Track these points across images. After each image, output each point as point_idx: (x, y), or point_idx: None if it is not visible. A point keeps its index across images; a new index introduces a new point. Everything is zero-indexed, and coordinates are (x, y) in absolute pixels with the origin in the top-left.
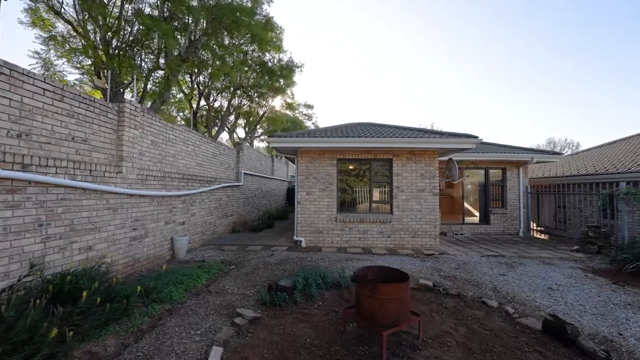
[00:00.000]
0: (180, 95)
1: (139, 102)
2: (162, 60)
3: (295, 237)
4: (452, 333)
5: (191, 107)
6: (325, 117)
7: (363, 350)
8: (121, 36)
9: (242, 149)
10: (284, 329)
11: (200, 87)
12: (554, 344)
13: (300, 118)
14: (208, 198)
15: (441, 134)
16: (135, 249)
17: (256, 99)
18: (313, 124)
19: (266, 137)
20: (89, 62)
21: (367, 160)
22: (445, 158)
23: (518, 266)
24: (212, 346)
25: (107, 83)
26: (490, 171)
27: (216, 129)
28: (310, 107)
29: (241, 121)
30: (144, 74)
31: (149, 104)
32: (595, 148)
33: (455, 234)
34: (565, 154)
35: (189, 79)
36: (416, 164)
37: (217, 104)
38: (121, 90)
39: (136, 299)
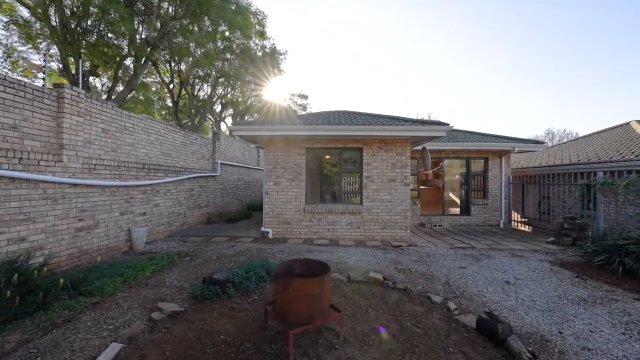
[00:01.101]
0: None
1: (109, 91)
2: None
3: (262, 229)
4: (381, 331)
5: (172, 96)
6: (321, 107)
7: (274, 349)
8: (79, 18)
9: (218, 138)
10: (204, 325)
11: (182, 76)
12: (484, 344)
13: (294, 108)
14: (176, 188)
15: (413, 121)
16: (82, 240)
17: (240, 88)
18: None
19: (228, 125)
20: (55, 49)
21: (336, 150)
22: (420, 147)
23: (484, 259)
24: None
25: (75, 69)
26: (472, 161)
27: (199, 118)
28: (304, 97)
29: (230, 111)
30: (111, 62)
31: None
32: (582, 137)
33: (434, 225)
34: (549, 144)
35: (169, 67)
36: (387, 153)
37: (202, 94)
38: (88, 77)
39: (59, 291)
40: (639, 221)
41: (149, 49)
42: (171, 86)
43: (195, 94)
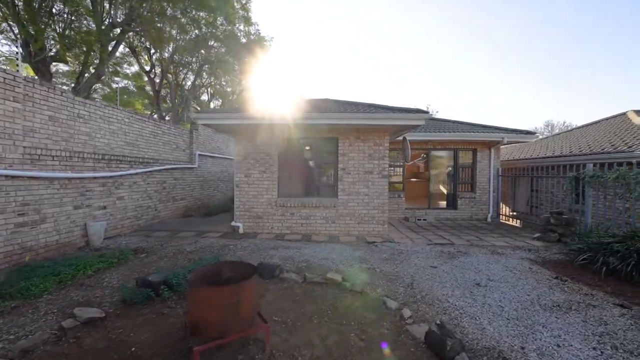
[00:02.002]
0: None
1: (78, 78)
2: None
3: (233, 223)
4: (317, 344)
5: (153, 85)
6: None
7: None
8: None
9: (196, 128)
10: (121, 334)
11: (163, 64)
12: None
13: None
14: (144, 181)
15: (390, 109)
16: (24, 236)
17: (225, 76)
18: None
19: (192, 114)
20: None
21: (311, 139)
22: (401, 138)
23: (460, 257)
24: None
25: (34, 53)
26: (460, 153)
27: (182, 108)
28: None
29: (219, 102)
30: (76, 46)
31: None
32: (577, 128)
33: (418, 219)
34: (540, 135)
35: (149, 55)
36: (364, 144)
37: (188, 83)
38: (50, 63)
39: None
40: (629, 216)
41: (117, 33)
42: (152, 74)
43: (180, 82)
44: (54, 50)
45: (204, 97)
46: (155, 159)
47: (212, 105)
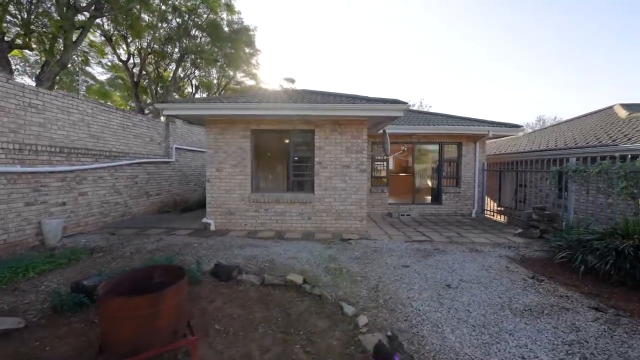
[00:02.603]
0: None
1: (43, 66)
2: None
3: (204, 220)
4: (255, 358)
5: (131, 75)
6: None
7: None
8: None
9: (173, 121)
10: (36, 347)
11: (142, 53)
12: None
13: None
14: (112, 175)
15: (367, 99)
16: None
17: (206, 67)
18: None
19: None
20: None
21: (286, 132)
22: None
23: (436, 254)
24: None
25: None
26: (445, 146)
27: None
28: (291, 81)
29: (203, 94)
30: (35, 33)
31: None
32: (564, 122)
33: (402, 215)
34: (528, 128)
35: (125, 44)
36: (341, 136)
37: (171, 74)
38: (6, 51)
39: None
40: (611, 211)
41: (85, 19)
42: (131, 65)
43: (161, 74)
44: (14, 36)
45: (189, 90)
46: (125, 153)
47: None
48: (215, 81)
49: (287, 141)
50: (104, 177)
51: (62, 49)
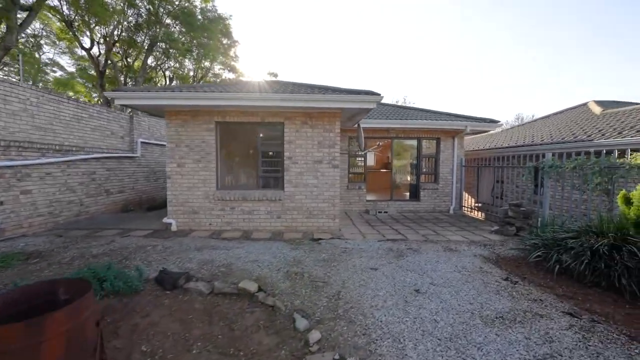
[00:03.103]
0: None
1: None
2: None
3: (165, 220)
4: None
5: (97, 64)
6: None
7: None
8: None
9: (137, 113)
10: None
11: (108, 41)
12: None
13: None
14: (63, 172)
15: (340, 91)
16: None
17: (179, 57)
18: None
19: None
20: None
21: (254, 125)
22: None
23: (409, 255)
24: None
25: None
26: (424, 142)
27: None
28: (274, 75)
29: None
30: None
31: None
32: (540, 119)
33: (379, 212)
34: (505, 124)
35: (89, 30)
36: (313, 130)
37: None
38: None
39: None
40: (585, 208)
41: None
42: (96, 54)
43: (130, 63)
44: None
45: (163, 81)
46: (79, 147)
47: None
48: (191, 73)
49: (256, 135)
50: (54, 173)
51: (5, 31)
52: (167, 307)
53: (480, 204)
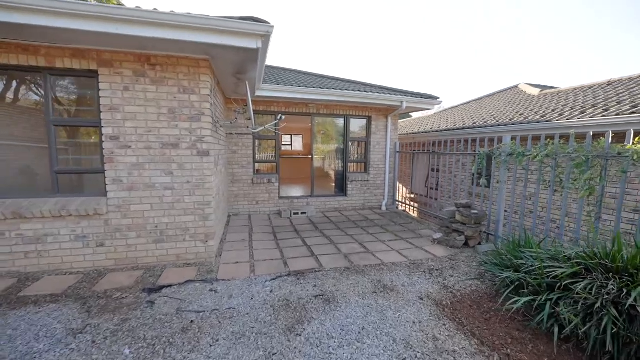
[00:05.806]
0: None
1: None
2: None
3: None
4: None
5: None
6: None
7: None
8: None
9: None
10: None
11: None
12: None
13: None
14: None
15: (206, 18)
16: None
17: None
18: None
19: None
20: None
21: (37, 74)
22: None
23: (313, 316)
24: None
25: None
26: (352, 120)
27: None
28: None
29: None
30: None
31: None
32: (474, 101)
33: (294, 213)
34: (444, 103)
35: None
36: (157, 88)
37: None
38: None
39: None
40: (539, 207)
41: None
42: None
43: None
44: None
45: None
46: None
47: None
48: None
49: (40, 94)
50: None
51: None
52: None
53: (414, 195)
